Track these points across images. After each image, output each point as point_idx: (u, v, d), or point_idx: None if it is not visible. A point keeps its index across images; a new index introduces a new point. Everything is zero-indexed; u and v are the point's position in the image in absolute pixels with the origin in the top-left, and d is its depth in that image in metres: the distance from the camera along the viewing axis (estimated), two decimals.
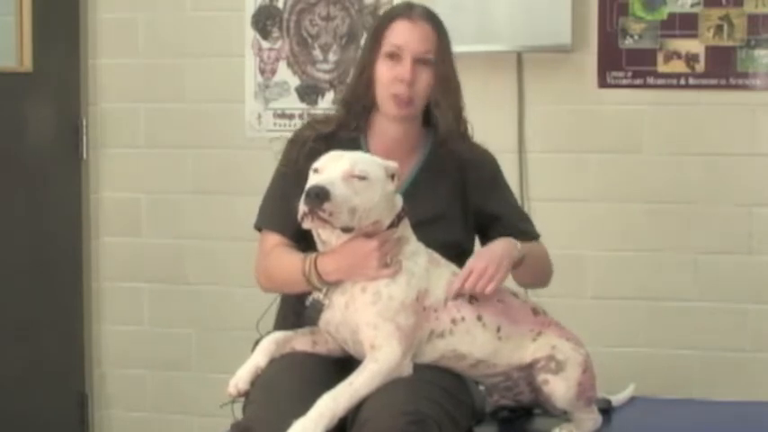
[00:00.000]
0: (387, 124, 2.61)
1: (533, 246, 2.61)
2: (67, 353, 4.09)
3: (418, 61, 2.54)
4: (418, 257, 2.39)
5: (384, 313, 2.31)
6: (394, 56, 2.54)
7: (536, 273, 2.63)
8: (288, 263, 2.47)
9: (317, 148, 2.54)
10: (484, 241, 2.61)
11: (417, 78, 2.54)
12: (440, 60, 2.56)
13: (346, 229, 2.31)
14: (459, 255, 2.50)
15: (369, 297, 2.33)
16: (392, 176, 2.38)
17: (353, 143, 2.57)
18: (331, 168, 2.31)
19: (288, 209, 2.53)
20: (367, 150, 2.56)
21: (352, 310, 2.35)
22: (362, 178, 2.30)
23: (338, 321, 2.39)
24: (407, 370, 2.33)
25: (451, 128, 2.60)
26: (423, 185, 2.59)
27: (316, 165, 2.35)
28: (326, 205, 2.23)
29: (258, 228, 2.63)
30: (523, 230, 2.62)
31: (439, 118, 2.59)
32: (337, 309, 2.38)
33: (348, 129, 2.61)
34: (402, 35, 2.55)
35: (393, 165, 2.40)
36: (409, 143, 2.62)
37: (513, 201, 2.72)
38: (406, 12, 2.58)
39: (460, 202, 2.61)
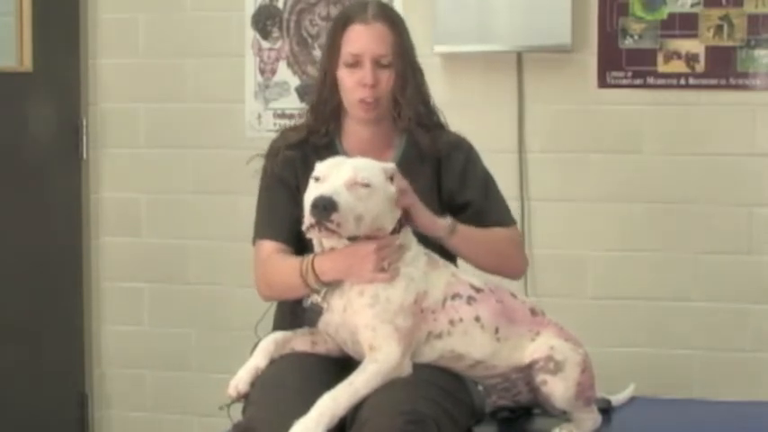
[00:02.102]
0: (357, 126, 2.62)
1: (486, 231, 2.57)
2: (67, 353, 4.09)
3: (378, 63, 2.54)
4: (418, 262, 2.39)
5: (382, 315, 2.31)
6: (354, 63, 2.55)
7: (483, 252, 2.57)
8: (286, 266, 2.47)
9: (291, 156, 2.57)
10: None
11: (379, 80, 2.55)
12: (397, 57, 2.56)
13: (352, 238, 2.32)
14: (441, 245, 2.51)
15: (366, 300, 2.33)
16: (391, 178, 2.38)
17: (329, 147, 2.58)
18: (333, 177, 2.30)
19: (277, 215, 2.56)
20: (342, 153, 2.57)
21: (350, 312, 2.35)
22: (366, 185, 2.30)
23: (337, 323, 2.39)
24: (407, 370, 2.33)
25: (420, 119, 2.60)
26: None
27: (316, 173, 2.34)
28: (334, 216, 2.23)
29: (253, 242, 2.63)
30: (496, 219, 2.61)
31: (402, 111, 2.59)
32: (336, 312, 2.38)
33: (318, 134, 2.62)
34: (358, 42, 2.55)
35: (391, 166, 2.40)
36: (383, 141, 2.63)
37: (485, 188, 2.67)
38: (360, 14, 2.57)
39: (437, 192, 2.61)
